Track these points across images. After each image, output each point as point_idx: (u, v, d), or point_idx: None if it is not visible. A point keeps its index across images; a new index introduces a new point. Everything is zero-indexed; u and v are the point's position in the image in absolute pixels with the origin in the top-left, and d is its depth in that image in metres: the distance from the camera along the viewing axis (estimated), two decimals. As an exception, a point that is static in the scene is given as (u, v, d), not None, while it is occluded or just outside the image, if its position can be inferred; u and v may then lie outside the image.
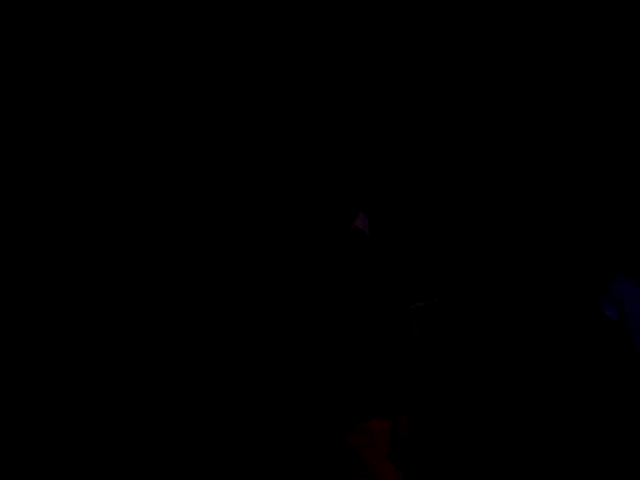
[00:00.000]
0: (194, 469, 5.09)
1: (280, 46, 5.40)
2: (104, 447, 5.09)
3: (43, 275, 5.25)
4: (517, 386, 4.91)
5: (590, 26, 5.28)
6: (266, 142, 5.29)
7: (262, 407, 5.08)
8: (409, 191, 5.05)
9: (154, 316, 5.26)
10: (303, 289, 3.59)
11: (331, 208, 3.56)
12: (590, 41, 5.29)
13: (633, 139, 5.05)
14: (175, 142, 5.40)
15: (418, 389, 3.63)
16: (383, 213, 3.60)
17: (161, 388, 5.21)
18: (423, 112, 5.26)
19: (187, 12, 5.40)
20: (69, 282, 5.27)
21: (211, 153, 5.35)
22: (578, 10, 5.29)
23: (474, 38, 5.35)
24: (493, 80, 5.31)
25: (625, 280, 3.90)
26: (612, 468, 4.44)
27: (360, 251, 3.55)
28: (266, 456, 5.02)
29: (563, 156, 5.15)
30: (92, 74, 5.36)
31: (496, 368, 4.94)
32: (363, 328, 3.54)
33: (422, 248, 3.74)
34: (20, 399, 5.10)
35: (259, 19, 5.42)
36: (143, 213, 5.35)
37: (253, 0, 5.40)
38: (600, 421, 4.62)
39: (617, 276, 3.94)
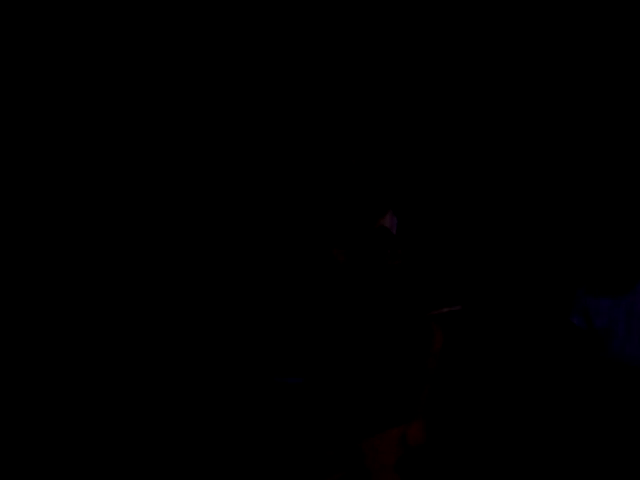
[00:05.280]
0: (201, 469, 5.11)
1: (284, 46, 5.41)
2: (104, 447, 5.11)
3: (43, 275, 5.27)
4: (536, 396, 4.95)
5: (590, 26, 5.27)
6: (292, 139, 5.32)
7: (269, 409, 5.10)
8: (440, 196, 5.10)
9: (155, 316, 5.28)
10: (319, 286, 3.55)
11: (359, 204, 3.52)
12: (590, 41, 5.28)
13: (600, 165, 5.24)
14: (183, 142, 5.42)
15: (435, 397, 3.57)
16: (413, 215, 3.58)
17: (161, 388, 5.22)
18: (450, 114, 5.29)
19: (187, 12, 5.40)
20: (69, 282, 5.29)
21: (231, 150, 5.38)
22: (578, 10, 5.28)
23: (474, 38, 5.34)
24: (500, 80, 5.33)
25: (586, 291, 4.55)
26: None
27: (383, 250, 3.51)
28: (270, 458, 5.04)
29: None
30: (92, 74, 5.38)
31: (515, 378, 4.99)
32: (381, 331, 3.49)
33: (449, 253, 3.73)
34: (20, 399, 5.13)
35: (259, 19, 5.42)
36: (144, 213, 5.36)
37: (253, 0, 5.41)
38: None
39: (579, 289, 4.59)
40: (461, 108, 5.31)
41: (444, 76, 5.33)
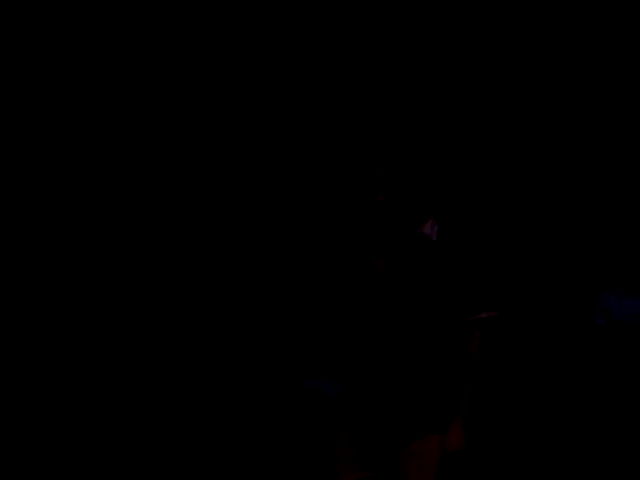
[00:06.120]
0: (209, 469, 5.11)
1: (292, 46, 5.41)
2: (104, 447, 5.09)
3: (43, 275, 5.25)
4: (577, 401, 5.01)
5: (590, 26, 5.29)
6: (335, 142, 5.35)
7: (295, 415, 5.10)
8: (482, 203, 5.16)
9: (167, 316, 5.27)
10: (359, 293, 3.56)
11: (399, 212, 3.52)
12: (590, 41, 5.30)
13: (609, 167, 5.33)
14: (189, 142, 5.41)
15: (474, 403, 3.56)
16: (453, 222, 3.58)
17: (161, 388, 5.21)
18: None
19: (187, 12, 5.40)
20: (69, 282, 5.27)
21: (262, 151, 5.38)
22: (578, 10, 5.30)
23: (474, 38, 5.36)
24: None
25: (609, 293, 4.83)
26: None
27: (423, 256, 3.51)
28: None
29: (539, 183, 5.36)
30: (92, 74, 5.37)
31: (557, 383, 5.05)
32: (419, 337, 3.49)
33: (488, 260, 3.73)
34: (20, 399, 5.11)
35: (259, 19, 5.43)
36: (155, 213, 5.36)
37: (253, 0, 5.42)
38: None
39: (603, 292, 4.86)
40: (499, 121, 5.36)
41: (479, 89, 5.37)
